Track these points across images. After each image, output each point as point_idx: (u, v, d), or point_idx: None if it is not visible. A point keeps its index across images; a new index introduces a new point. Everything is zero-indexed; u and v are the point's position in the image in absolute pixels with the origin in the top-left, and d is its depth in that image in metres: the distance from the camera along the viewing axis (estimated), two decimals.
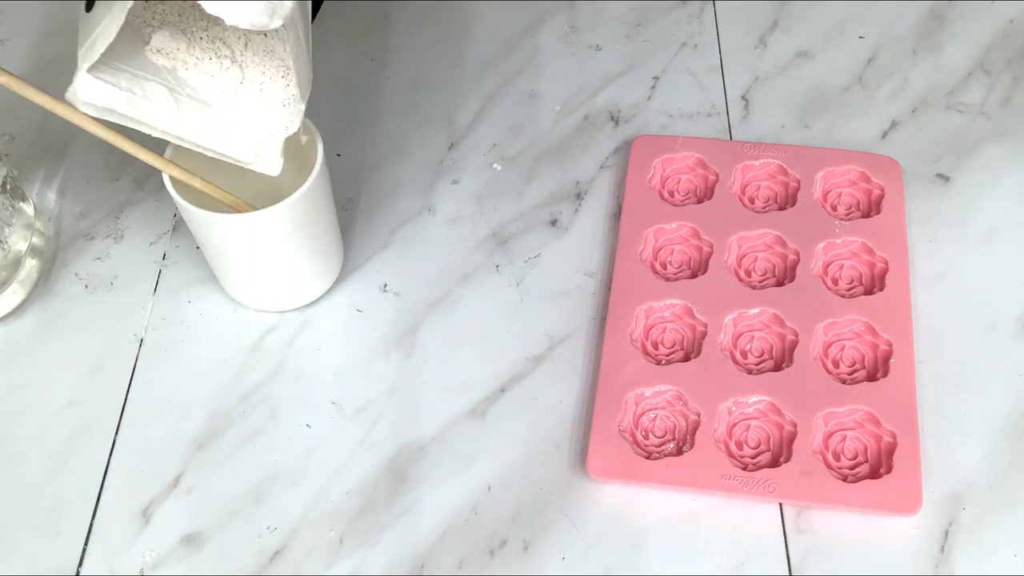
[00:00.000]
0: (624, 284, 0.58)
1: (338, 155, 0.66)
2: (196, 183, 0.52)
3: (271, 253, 0.54)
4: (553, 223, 0.63)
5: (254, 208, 0.53)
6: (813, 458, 0.51)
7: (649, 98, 0.69)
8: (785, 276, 0.59)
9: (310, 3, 0.52)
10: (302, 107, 0.50)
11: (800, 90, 0.69)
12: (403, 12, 0.75)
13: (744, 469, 0.52)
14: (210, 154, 0.51)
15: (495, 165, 0.66)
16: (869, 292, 0.58)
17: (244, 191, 0.55)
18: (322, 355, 0.58)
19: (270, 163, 0.52)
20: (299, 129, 0.52)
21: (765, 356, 0.56)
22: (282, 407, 0.56)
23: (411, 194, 0.65)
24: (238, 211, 0.53)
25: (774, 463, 0.52)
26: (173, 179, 0.52)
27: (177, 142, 0.50)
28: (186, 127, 0.49)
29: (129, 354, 0.58)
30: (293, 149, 0.56)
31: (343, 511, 0.52)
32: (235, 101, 0.50)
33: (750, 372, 0.55)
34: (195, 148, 0.50)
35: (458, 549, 0.51)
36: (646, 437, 0.54)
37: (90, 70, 0.45)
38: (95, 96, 0.46)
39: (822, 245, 0.59)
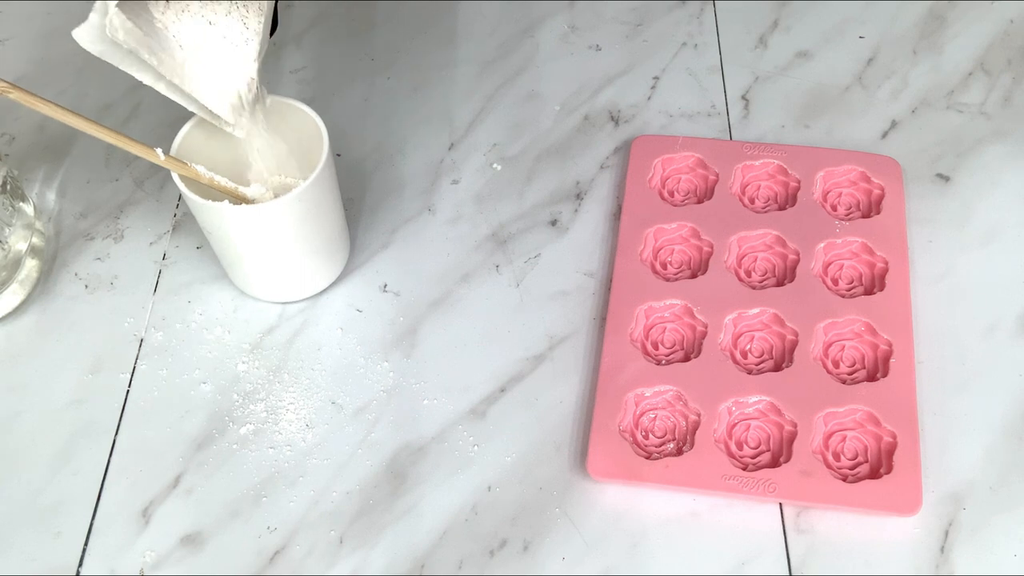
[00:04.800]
0: (624, 284, 0.58)
1: (338, 155, 0.66)
2: (203, 178, 0.52)
3: (278, 244, 0.54)
4: (553, 223, 0.63)
5: (256, 202, 0.54)
6: (813, 458, 0.51)
7: (649, 98, 0.69)
8: (785, 276, 0.59)
9: None
10: (256, 65, 0.51)
11: (800, 90, 0.69)
12: (403, 12, 0.75)
13: (744, 469, 0.52)
14: (194, 108, 0.51)
15: (495, 165, 0.66)
16: (869, 292, 0.58)
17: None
18: (322, 355, 0.58)
19: (242, 126, 0.53)
20: (261, 89, 0.52)
21: (765, 356, 0.56)
22: (282, 407, 0.56)
23: (411, 194, 0.65)
24: (244, 202, 0.53)
25: (774, 463, 0.52)
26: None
27: (177, 97, 0.50)
28: (188, 80, 0.49)
29: (129, 354, 0.58)
30: (300, 147, 0.56)
31: (343, 511, 0.52)
32: (206, 54, 0.50)
33: (750, 372, 0.55)
34: (192, 104, 0.51)
35: (458, 549, 0.51)
36: (646, 437, 0.54)
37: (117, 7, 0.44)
38: (124, 35, 0.44)
39: (822, 245, 0.59)
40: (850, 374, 0.55)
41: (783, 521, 0.51)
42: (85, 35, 0.44)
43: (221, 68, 0.51)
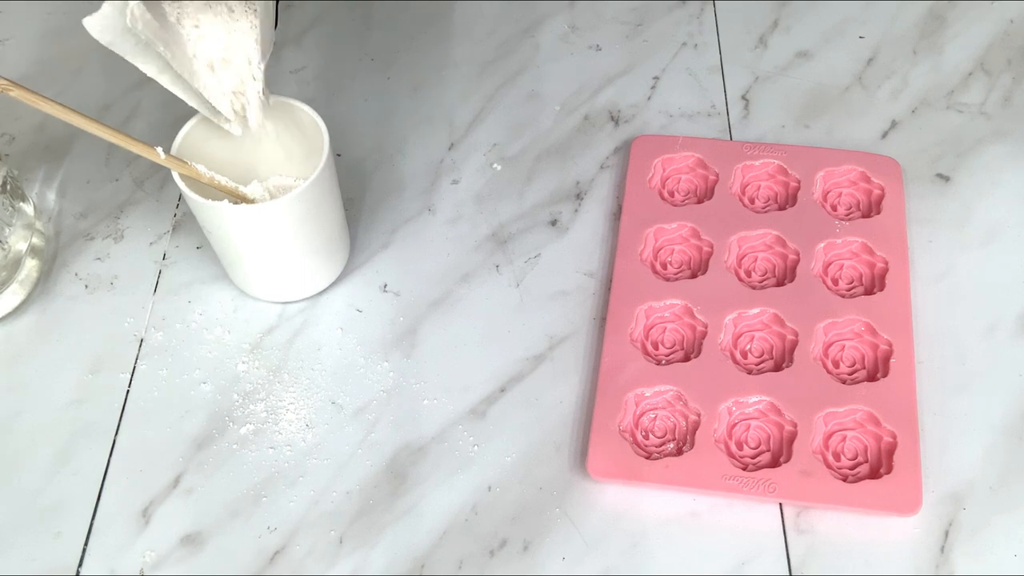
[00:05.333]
0: (624, 284, 0.58)
1: (338, 155, 0.66)
2: (203, 177, 0.52)
3: (278, 244, 0.54)
4: (553, 223, 0.63)
5: (256, 201, 0.54)
6: (813, 458, 0.51)
7: (649, 98, 0.69)
8: (785, 276, 0.59)
9: None
10: (263, 65, 0.52)
11: (800, 90, 0.69)
12: (403, 12, 0.75)
13: (744, 469, 0.52)
14: (195, 102, 0.51)
15: (495, 165, 0.66)
16: (869, 292, 0.58)
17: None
18: (322, 355, 0.58)
19: (237, 123, 0.54)
20: (264, 88, 0.53)
21: (765, 356, 0.56)
22: (282, 407, 0.56)
23: (411, 194, 0.65)
24: (244, 202, 0.53)
25: (774, 463, 0.52)
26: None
27: (179, 90, 0.50)
28: (196, 75, 0.49)
29: (129, 354, 0.58)
30: (301, 147, 0.56)
31: (343, 511, 0.52)
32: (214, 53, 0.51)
33: (750, 372, 0.55)
34: (193, 99, 0.51)
35: (458, 549, 0.51)
36: (646, 437, 0.54)
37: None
38: (143, 26, 0.45)
39: (822, 245, 0.59)
40: (850, 374, 0.55)
41: (783, 521, 0.51)
42: (96, 24, 0.44)
43: (227, 66, 0.51)
